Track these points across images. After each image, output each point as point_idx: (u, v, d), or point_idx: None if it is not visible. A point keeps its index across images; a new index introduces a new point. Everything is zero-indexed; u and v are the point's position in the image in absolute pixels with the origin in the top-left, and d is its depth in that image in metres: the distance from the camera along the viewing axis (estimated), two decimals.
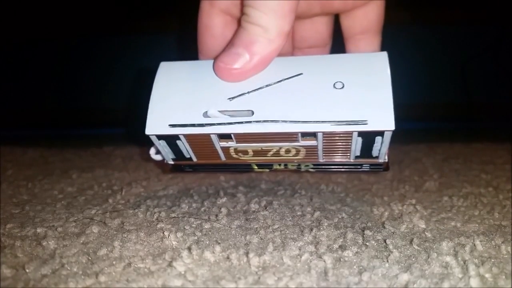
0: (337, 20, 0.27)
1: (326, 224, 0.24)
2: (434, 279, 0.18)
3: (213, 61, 0.23)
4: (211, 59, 0.23)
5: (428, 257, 0.20)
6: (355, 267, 0.19)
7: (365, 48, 0.26)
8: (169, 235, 0.23)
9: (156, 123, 0.23)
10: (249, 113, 0.22)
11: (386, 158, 0.24)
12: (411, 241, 0.22)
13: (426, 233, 0.23)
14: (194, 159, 0.25)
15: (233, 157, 0.25)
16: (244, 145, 0.23)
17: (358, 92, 0.21)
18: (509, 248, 0.21)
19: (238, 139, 0.23)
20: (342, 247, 0.21)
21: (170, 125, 0.22)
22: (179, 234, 0.23)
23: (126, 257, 0.21)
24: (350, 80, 0.22)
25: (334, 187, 0.33)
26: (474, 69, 0.67)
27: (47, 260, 0.20)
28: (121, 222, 0.25)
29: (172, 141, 0.24)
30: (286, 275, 0.18)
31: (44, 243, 0.22)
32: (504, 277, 0.18)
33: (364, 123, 0.20)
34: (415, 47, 0.65)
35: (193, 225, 0.25)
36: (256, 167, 0.26)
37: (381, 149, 0.23)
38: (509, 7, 0.58)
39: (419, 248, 0.21)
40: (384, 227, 0.24)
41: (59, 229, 0.24)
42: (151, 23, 0.65)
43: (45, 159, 0.45)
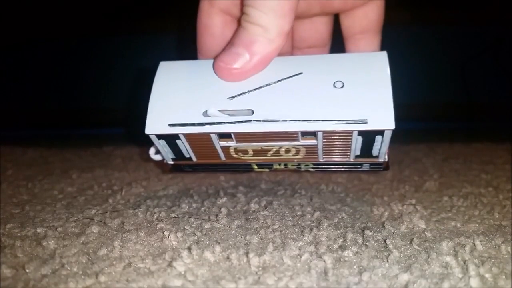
0: (337, 20, 0.27)
1: (326, 224, 0.24)
2: (434, 279, 0.18)
3: (213, 61, 0.23)
4: (211, 59, 0.23)
5: (428, 257, 0.20)
6: (355, 267, 0.19)
7: (365, 48, 0.26)
8: (169, 235, 0.23)
9: (156, 123, 0.23)
10: (249, 112, 0.22)
11: (386, 158, 0.24)
12: (411, 241, 0.22)
13: (426, 233, 0.23)
14: (194, 159, 0.25)
15: (233, 157, 0.25)
16: (244, 145, 0.23)
17: (358, 91, 0.21)
18: (509, 248, 0.21)
19: (238, 139, 0.23)
20: (342, 247, 0.21)
21: (170, 125, 0.22)
22: (179, 234, 0.23)
23: (126, 257, 0.21)
24: (350, 80, 0.22)
25: (334, 187, 0.33)
26: (474, 69, 0.67)
27: (47, 260, 0.20)
28: (121, 222, 0.25)
29: (172, 141, 0.24)
30: (286, 275, 0.18)
31: (44, 243, 0.22)
32: (504, 277, 0.18)
33: (364, 122, 0.20)
34: (415, 47, 0.65)
35: (193, 225, 0.25)
36: (256, 167, 0.26)
37: (381, 149, 0.23)
38: (509, 7, 0.58)
39: (419, 248, 0.21)
40: (384, 227, 0.24)
41: (59, 229, 0.24)
42: (151, 23, 0.65)
43: (45, 159, 0.45)
